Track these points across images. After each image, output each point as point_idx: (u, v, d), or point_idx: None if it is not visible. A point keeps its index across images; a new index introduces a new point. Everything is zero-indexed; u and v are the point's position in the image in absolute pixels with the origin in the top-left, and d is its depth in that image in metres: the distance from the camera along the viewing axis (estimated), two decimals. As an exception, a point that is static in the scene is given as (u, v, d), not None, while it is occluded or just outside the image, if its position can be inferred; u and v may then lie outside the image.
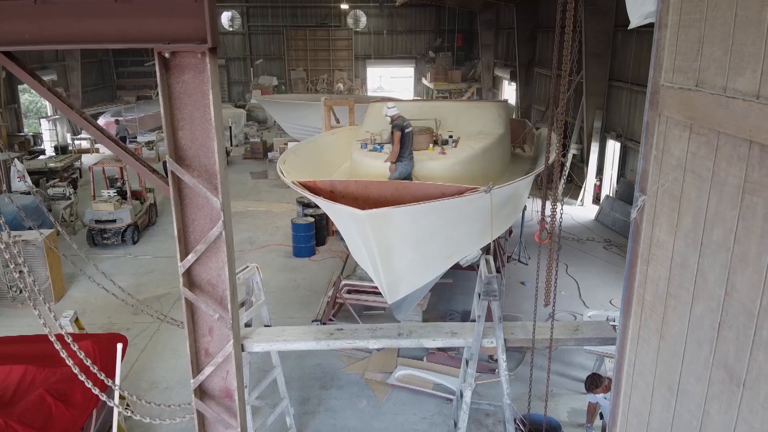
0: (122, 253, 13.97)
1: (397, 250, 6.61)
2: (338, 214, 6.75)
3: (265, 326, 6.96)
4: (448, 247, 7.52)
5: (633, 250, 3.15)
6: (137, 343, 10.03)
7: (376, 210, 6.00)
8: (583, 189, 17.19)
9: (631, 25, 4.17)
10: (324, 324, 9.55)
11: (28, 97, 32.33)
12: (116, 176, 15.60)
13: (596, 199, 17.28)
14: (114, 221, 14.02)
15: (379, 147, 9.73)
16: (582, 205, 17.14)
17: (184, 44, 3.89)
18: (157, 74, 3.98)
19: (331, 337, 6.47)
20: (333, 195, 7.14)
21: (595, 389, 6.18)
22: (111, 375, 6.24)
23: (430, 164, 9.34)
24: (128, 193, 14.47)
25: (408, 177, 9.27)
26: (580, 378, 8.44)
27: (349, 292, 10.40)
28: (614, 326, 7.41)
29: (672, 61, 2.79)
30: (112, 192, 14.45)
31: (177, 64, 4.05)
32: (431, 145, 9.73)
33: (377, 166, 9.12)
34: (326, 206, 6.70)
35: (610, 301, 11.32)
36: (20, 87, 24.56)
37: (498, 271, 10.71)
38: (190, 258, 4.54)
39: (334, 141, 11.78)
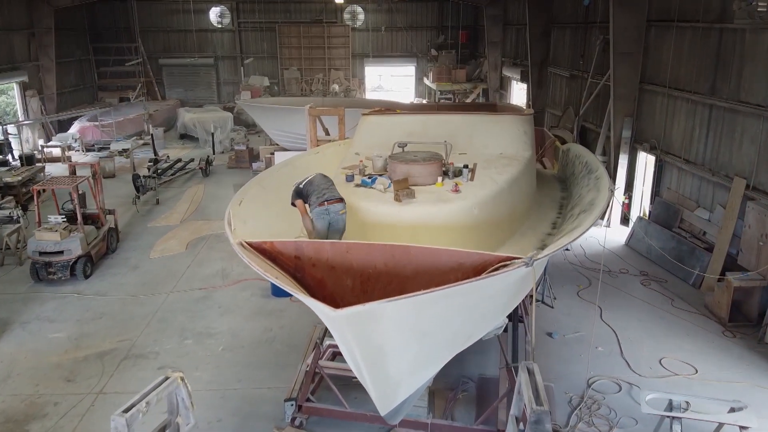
0: (70, 290, 11.75)
1: (393, 353, 4.40)
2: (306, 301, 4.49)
3: (199, 460, 4.77)
4: (466, 331, 5.31)
5: None
6: (64, 425, 7.84)
7: (355, 308, 3.75)
8: (609, 208, 14.94)
9: None
10: (300, 407, 7.38)
11: (5, 99, 30.11)
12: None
13: (624, 220, 15.07)
14: (61, 253, 11.80)
15: (369, 180, 7.24)
16: (608, 226, 14.90)
17: None
18: None
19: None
20: (299, 263, 4.92)
21: None
22: None
23: (438, 209, 6.63)
24: (79, 218, 12.22)
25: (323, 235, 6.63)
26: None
27: (333, 356, 8.25)
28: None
29: None
30: (59, 218, 12.22)
31: None
32: (440, 179, 7.20)
33: (370, 211, 6.55)
34: (288, 290, 4.40)
35: (660, 361, 9.12)
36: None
37: (521, 320, 8.53)
38: None
39: (317, 163, 9.20)
